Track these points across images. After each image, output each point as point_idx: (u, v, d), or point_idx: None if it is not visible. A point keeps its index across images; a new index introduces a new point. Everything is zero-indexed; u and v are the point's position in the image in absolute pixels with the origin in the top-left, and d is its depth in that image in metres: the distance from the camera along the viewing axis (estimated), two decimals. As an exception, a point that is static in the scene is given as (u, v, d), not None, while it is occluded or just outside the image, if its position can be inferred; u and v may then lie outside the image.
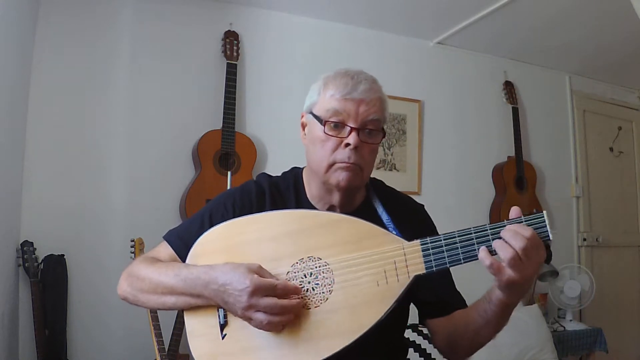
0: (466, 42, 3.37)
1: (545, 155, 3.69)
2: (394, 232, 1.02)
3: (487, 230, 0.91)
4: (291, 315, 0.94)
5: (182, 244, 1.11)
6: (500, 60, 3.60)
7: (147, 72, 2.65)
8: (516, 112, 3.49)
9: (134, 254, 2.14)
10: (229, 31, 2.80)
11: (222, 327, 1.00)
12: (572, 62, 3.68)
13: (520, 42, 3.38)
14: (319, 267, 0.98)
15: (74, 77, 2.51)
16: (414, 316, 1.22)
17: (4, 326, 1.99)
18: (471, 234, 0.92)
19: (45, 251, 2.29)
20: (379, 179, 1.27)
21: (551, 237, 0.89)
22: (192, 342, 1.02)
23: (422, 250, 0.94)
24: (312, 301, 0.97)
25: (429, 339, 2.53)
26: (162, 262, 1.11)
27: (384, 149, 3.20)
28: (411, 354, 2.46)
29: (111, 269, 2.35)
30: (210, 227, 1.08)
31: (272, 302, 0.92)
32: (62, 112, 2.47)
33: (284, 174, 1.25)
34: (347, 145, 1.07)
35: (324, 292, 0.97)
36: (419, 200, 1.28)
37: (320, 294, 0.97)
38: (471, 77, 3.50)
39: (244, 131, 2.77)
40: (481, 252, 0.89)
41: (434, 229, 1.22)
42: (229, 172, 2.49)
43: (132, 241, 2.18)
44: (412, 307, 1.20)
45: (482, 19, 2.97)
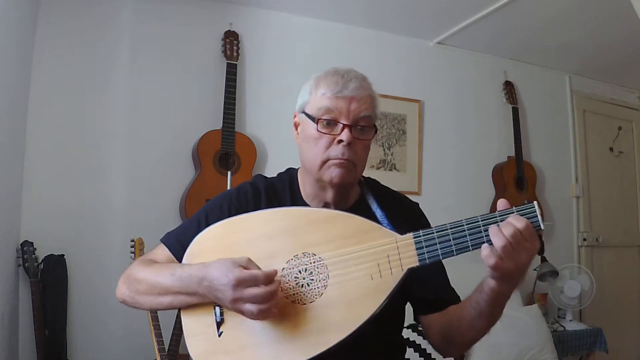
0: (466, 42, 3.37)
1: (545, 155, 3.69)
2: (387, 228, 1.03)
3: (478, 222, 0.92)
4: (276, 299, 0.94)
5: (180, 245, 1.12)
6: (500, 60, 3.60)
7: (147, 72, 2.65)
8: (516, 112, 3.49)
9: (134, 254, 2.15)
10: (229, 31, 2.80)
11: (219, 324, 1.00)
12: (572, 62, 3.68)
13: (520, 42, 3.38)
14: (314, 262, 0.99)
15: (74, 77, 2.51)
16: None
17: (4, 326, 1.99)
18: (463, 226, 0.93)
19: (45, 251, 2.29)
20: (374, 178, 1.28)
21: (542, 226, 0.90)
22: (190, 342, 1.03)
23: (415, 243, 0.95)
24: (307, 297, 0.97)
25: (431, 344, 2.53)
26: (159, 263, 1.12)
27: (384, 149, 3.19)
28: (411, 353, 2.46)
29: (111, 269, 2.36)
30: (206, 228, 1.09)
31: (255, 291, 0.92)
32: (62, 112, 2.48)
33: (280, 174, 1.26)
34: (340, 142, 1.08)
35: (319, 288, 0.97)
36: (419, 200, 1.28)
37: (315, 289, 0.97)
38: (471, 77, 3.50)
39: (244, 131, 2.77)
40: (484, 250, 0.89)
41: (428, 227, 1.22)
42: (229, 172, 2.49)
43: (132, 241, 2.19)
44: (409, 307, 1.20)
45: (482, 19, 2.97)
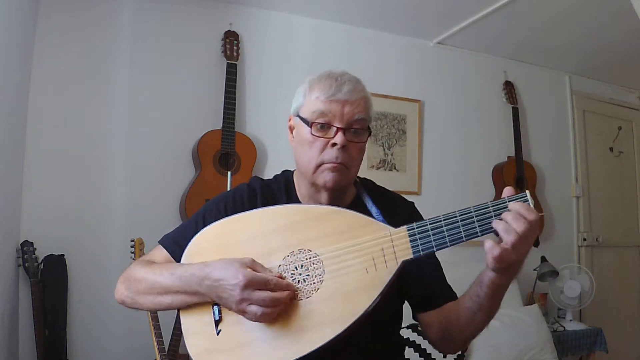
0: (466, 42, 3.37)
1: (545, 155, 3.69)
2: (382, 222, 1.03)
3: (471, 212, 0.93)
4: (282, 306, 0.95)
5: (177, 247, 1.12)
6: (500, 60, 3.60)
7: (147, 72, 2.65)
8: (516, 112, 3.49)
9: (134, 254, 2.15)
10: (229, 31, 2.80)
11: (217, 323, 1.01)
12: (572, 62, 3.68)
13: (520, 42, 3.38)
14: (309, 258, 0.99)
15: (74, 77, 2.51)
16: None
17: (4, 326, 1.99)
18: (456, 217, 0.93)
19: (45, 251, 2.29)
20: (369, 179, 1.29)
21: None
22: (189, 341, 1.03)
23: (409, 235, 0.96)
24: (303, 292, 0.98)
25: (430, 342, 2.53)
26: (158, 263, 1.12)
27: (384, 149, 3.19)
28: (411, 353, 2.46)
29: (111, 269, 2.36)
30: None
31: (264, 295, 0.93)
32: (62, 112, 2.48)
33: (276, 176, 1.27)
34: (334, 145, 1.09)
35: (315, 283, 0.98)
36: (419, 200, 1.28)
37: (311, 284, 0.98)
38: (471, 77, 3.50)
39: (244, 131, 2.77)
40: (488, 243, 0.88)
41: None
42: (229, 172, 2.49)
43: (132, 241, 2.19)
44: (407, 308, 1.20)
45: (482, 19, 2.97)
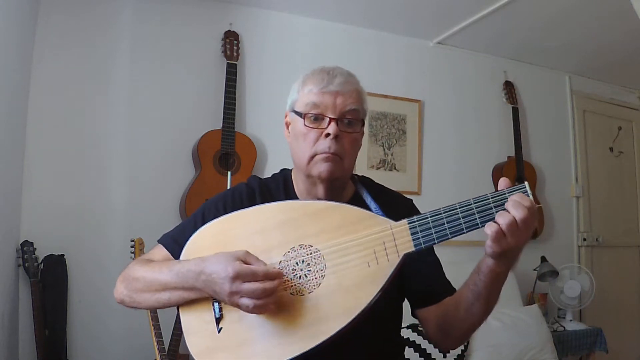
0: (466, 42, 3.37)
1: (545, 155, 3.69)
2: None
3: (471, 204, 0.93)
4: (274, 296, 0.95)
5: (177, 245, 1.12)
6: (500, 60, 3.60)
7: (147, 72, 2.65)
8: (516, 112, 3.49)
9: (134, 254, 2.15)
10: (229, 31, 2.80)
11: (218, 320, 1.00)
12: (572, 62, 3.68)
13: (520, 42, 3.38)
14: (310, 254, 0.99)
15: (74, 77, 2.51)
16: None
17: (4, 326, 1.99)
18: (456, 209, 0.93)
19: (45, 251, 2.29)
20: (368, 177, 1.29)
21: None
22: (189, 340, 1.03)
23: (410, 228, 0.96)
24: (305, 288, 0.97)
25: (429, 338, 2.53)
26: (157, 262, 1.12)
27: (384, 149, 3.19)
28: (411, 353, 2.46)
29: (111, 269, 2.35)
30: None
31: (253, 286, 0.92)
32: (62, 112, 2.48)
33: (274, 175, 1.28)
34: (328, 135, 1.10)
35: (316, 278, 0.98)
36: (419, 200, 1.28)
37: (312, 279, 0.98)
38: (471, 77, 3.50)
39: (244, 131, 2.77)
40: (487, 227, 0.89)
41: None
42: (229, 172, 2.50)
43: (132, 241, 2.19)
44: (406, 307, 1.20)
45: (482, 19, 2.97)
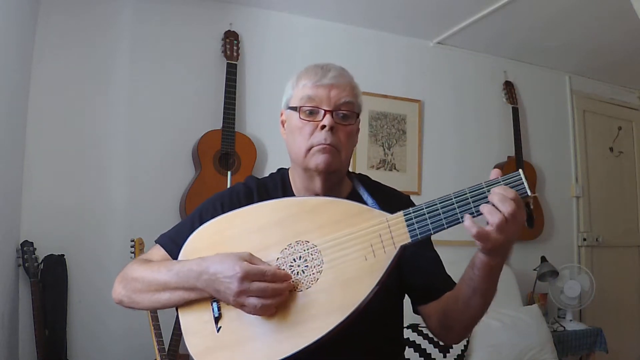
0: (466, 42, 3.37)
1: (545, 155, 3.68)
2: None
3: (466, 194, 0.93)
4: (282, 297, 0.95)
5: (174, 245, 1.12)
6: (500, 60, 3.60)
7: (147, 72, 2.65)
8: (516, 112, 3.49)
9: (134, 254, 2.15)
10: (229, 31, 2.80)
11: (217, 320, 1.00)
12: (572, 62, 3.68)
13: (520, 42, 3.38)
14: (307, 249, 0.99)
15: (74, 77, 2.51)
16: (414, 316, 1.22)
17: (4, 326, 1.99)
18: (452, 199, 0.94)
19: (45, 251, 2.29)
20: (365, 174, 1.29)
21: (530, 193, 0.91)
22: (189, 340, 1.03)
23: (406, 220, 0.96)
24: (303, 284, 0.98)
25: (429, 338, 2.53)
26: (156, 262, 1.12)
27: (384, 149, 3.19)
28: (411, 353, 2.46)
29: (111, 269, 2.35)
30: None
31: (263, 285, 0.93)
32: (62, 112, 2.48)
33: (271, 174, 1.28)
34: (323, 127, 1.10)
35: (313, 274, 0.98)
36: (419, 200, 1.28)
37: (310, 275, 0.98)
38: (471, 77, 3.50)
39: (244, 131, 2.77)
40: (467, 221, 0.90)
41: None
42: (229, 172, 2.50)
43: (132, 241, 2.19)
44: (407, 306, 1.20)
45: (482, 19, 2.97)
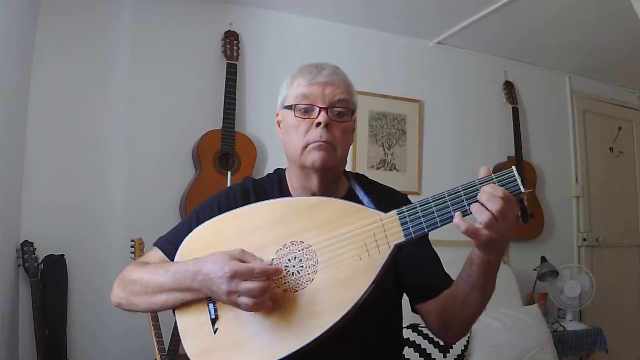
0: (466, 42, 3.37)
1: (545, 155, 3.69)
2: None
3: (459, 192, 0.94)
4: (270, 291, 0.95)
5: (172, 247, 1.12)
6: (500, 60, 3.60)
7: (147, 72, 2.65)
8: (516, 112, 3.49)
9: (134, 254, 2.15)
10: (229, 31, 2.80)
11: (214, 321, 1.00)
12: (572, 62, 3.68)
13: (520, 42, 3.38)
14: (302, 250, 0.99)
15: (74, 77, 2.51)
16: (414, 316, 1.22)
17: (4, 326, 1.99)
18: (445, 197, 0.94)
19: (45, 251, 2.29)
20: (362, 174, 1.29)
21: (523, 189, 0.92)
22: (186, 342, 1.03)
23: (400, 219, 0.96)
24: (299, 284, 0.98)
25: (429, 338, 2.53)
26: (153, 264, 1.12)
27: (384, 149, 3.19)
28: (411, 353, 2.46)
29: (111, 269, 2.35)
30: None
31: (251, 285, 0.93)
32: (62, 112, 2.48)
33: (268, 175, 1.28)
34: (319, 124, 1.11)
35: (309, 274, 0.98)
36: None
37: (305, 275, 0.98)
38: (471, 77, 3.50)
39: (244, 131, 2.77)
40: (456, 218, 0.91)
41: None
42: (229, 172, 2.49)
43: (132, 241, 2.19)
44: (406, 306, 1.20)
45: (482, 19, 2.97)
